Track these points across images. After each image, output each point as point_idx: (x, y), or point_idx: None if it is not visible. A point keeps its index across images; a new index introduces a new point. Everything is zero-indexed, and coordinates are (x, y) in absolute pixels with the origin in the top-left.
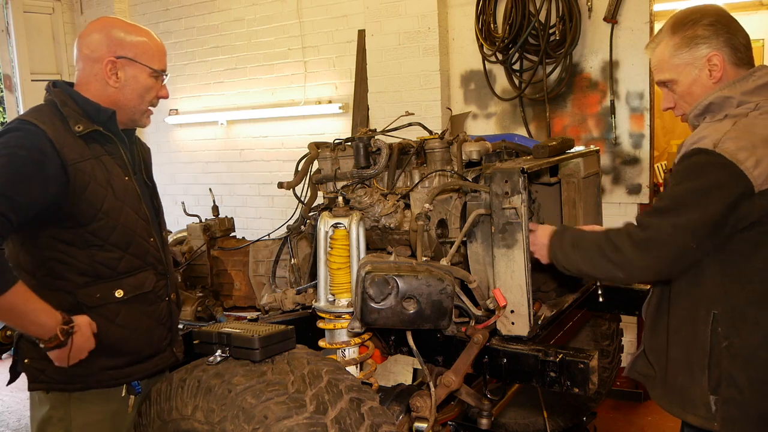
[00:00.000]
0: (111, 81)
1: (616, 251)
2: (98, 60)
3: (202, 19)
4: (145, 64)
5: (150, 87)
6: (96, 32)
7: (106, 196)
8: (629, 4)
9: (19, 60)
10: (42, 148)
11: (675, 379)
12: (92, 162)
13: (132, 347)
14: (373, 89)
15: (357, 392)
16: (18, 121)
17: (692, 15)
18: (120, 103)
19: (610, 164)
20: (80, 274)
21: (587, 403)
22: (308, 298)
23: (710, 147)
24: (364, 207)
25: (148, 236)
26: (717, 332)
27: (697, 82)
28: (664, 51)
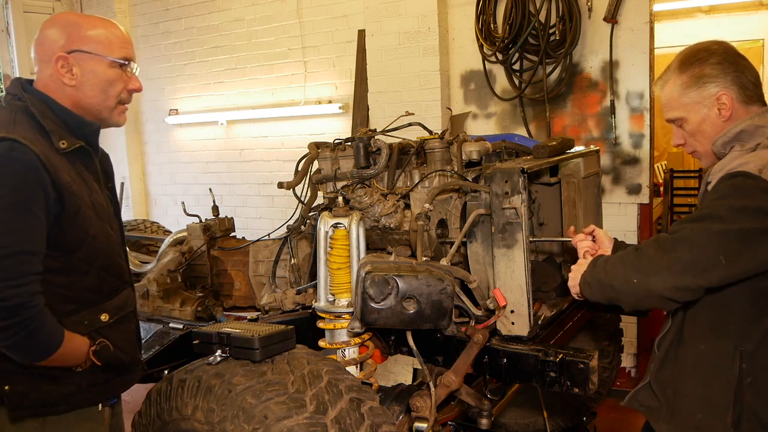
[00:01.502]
0: (66, 79)
1: (638, 254)
2: (50, 60)
3: (202, 19)
4: (102, 55)
5: (112, 80)
6: (46, 30)
7: (92, 219)
8: (629, 4)
9: (19, 60)
10: (40, 178)
11: (691, 416)
12: (78, 182)
13: (119, 363)
14: (373, 89)
15: (357, 392)
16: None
17: (700, 53)
18: (82, 102)
19: (610, 164)
20: (65, 302)
21: (587, 403)
22: (308, 298)
23: (755, 172)
24: (364, 207)
25: (120, 252)
26: (742, 368)
27: (706, 120)
28: (672, 90)
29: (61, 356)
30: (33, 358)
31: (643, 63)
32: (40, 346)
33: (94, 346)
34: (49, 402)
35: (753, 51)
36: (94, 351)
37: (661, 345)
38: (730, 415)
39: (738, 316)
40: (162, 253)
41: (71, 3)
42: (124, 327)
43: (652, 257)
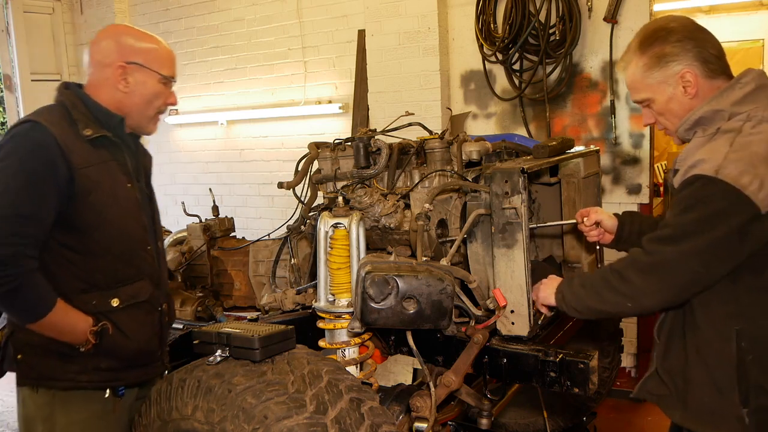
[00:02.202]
0: (120, 86)
1: (622, 281)
2: (109, 65)
3: (202, 19)
4: (155, 70)
5: (158, 93)
6: (107, 38)
7: (109, 204)
8: (629, 4)
9: (19, 60)
10: (52, 155)
11: (701, 400)
12: (98, 167)
13: (127, 352)
14: (373, 89)
15: (357, 392)
16: (28, 122)
17: (659, 32)
18: (128, 107)
19: (610, 164)
20: (78, 280)
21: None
22: (308, 298)
23: (711, 173)
24: (364, 207)
25: (146, 245)
26: (741, 347)
27: (673, 99)
28: (635, 71)
29: (53, 325)
30: (20, 317)
31: None
32: (27, 307)
33: (95, 327)
34: (54, 376)
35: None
36: (93, 331)
37: (660, 332)
38: (737, 394)
39: (726, 298)
40: None
41: (71, 3)
42: (136, 316)
43: (639, 285)
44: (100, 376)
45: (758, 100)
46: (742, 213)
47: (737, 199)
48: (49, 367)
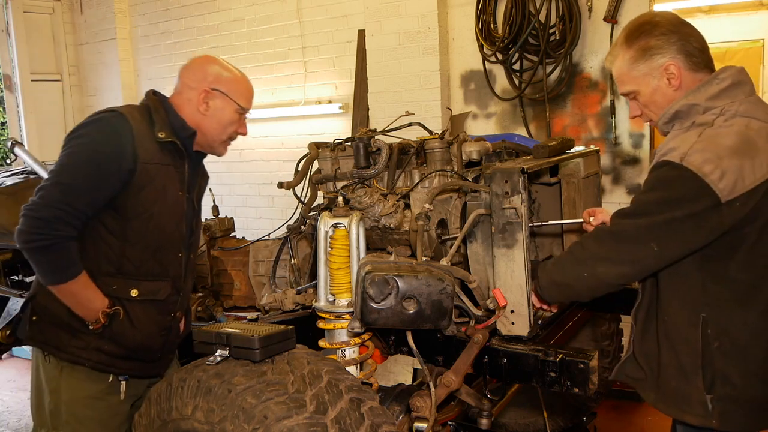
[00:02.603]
0: (201, 108)
1: (582, 248)
2: (195, 88)
3: (202, 19)
4: (234, 100)
5: (233, 121)
6: (200, 65)
7: (157, 201)
8: (629, 4)
9: (19, 60)
10: (124, 143)
11: (669, 383)
12: (159, 167)
13: (130, 342)
14: (373, 89)
15: (357, 392)
16: (114, 111)
17: (644, 26)
18: (203, 128)
19: (610, 164)
20: (108, 262)
21: (587, 403)
22: (308, 298)
23: (677, 160)
24: (364, 207)
25: (177, 251)
26: (707, 334)
27: (657, 91)
28: (621, 64)
29: (72, 294)
30: (44, 275)
31: None
32: (52, 269)
33: (108, 309)
34: (58, 346)
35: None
36: (105, 312)
37: (637, 317)
38: (701, 379)
39: (693, 284)
40: None
41: (71, 3)
42: (149, 311)
43: (594, 251)
44: (100, 358)
45: (734, 96)
46: (701, 200)
47: (698, 186)
48: (56, 337)
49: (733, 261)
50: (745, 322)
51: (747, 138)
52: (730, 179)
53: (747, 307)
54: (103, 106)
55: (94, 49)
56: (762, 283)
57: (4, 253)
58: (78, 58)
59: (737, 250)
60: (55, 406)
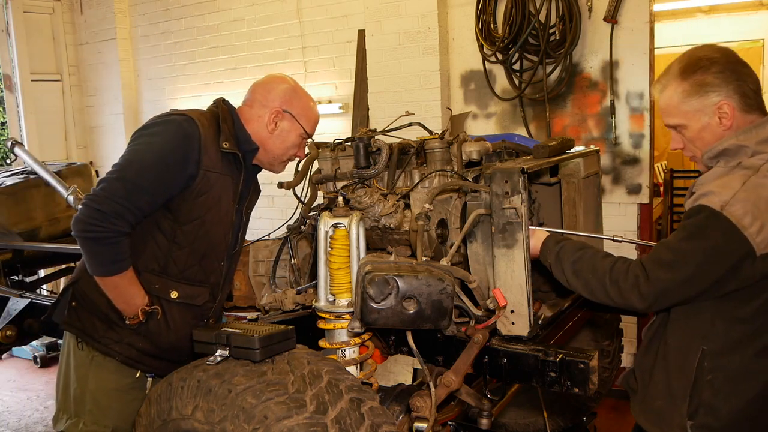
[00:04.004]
0: (270, 127)
1: (619, 293)
2: (267, 106)
3: (202, 19)
4: (302, 125)
5: (296, 144)
6: (277, 84)
7: (211, 209)
8: (629, 4)
9: (19, 60)
10: (191, 149)
11: (654, 401)
12: (218, 176)
13: (163, 342)
14: (373, 89)
15: (357, 392)
16: (184, 115)
17: (702, 62)
18: (267, 146)
19: (610, 164)
20: (155, 261)
21: (587, 403)
22: (308, 298)
23: (717, 207)
24: (364, 207)
25: (221, 260)
26: (703, 366)
27: (707, 128)
28: (672, 96)
29: (115, 287)
30: (92, 265)
31: (643, 63)
32: (100, 261)
33: (148, 307)
34: (91, 334)
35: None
36: (144, 310)
37: (647, 334)
38: (686, 406)
39: (702, 318)
40: None
41: (71, 3)
42: (186, 314)
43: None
44: (131, 353)
45: None
46: (738, 252)
47: (735, 238)
48: (93, 326)
49: (749, 306)
50: (742, 361)
51: None
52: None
53: (747, 347)
54: (104, 105)
55: (94, 49)
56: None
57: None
58: (78, 58)
59: (757, 298)
60: (80, 394)
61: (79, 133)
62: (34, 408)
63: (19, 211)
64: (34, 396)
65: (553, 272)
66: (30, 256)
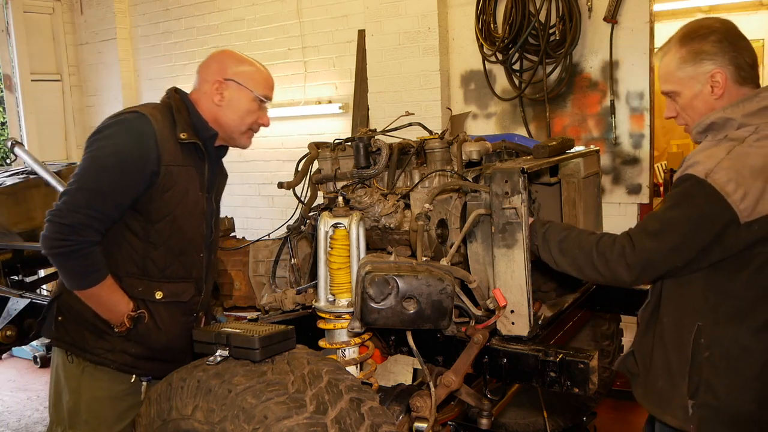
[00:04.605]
0: (216, 99)
1: (606, 265)
2: (209, 80)
3: (202, 19)
4: (249, 88)
5: (250, 110)
6: (213, 58)
7: (179, 203)
8: (629, 4)
9: (19, 60)
10: (148, 146)
11: (655, 382)
12: (181, 169)
13: (156, 344)
14: (373, 89)
15: (357, 392)
16: (136, 113)
17: (702, 29)
18: (220, 120)
19: (610, 164)
20: (133, 264)
21: (587, 403)
22: (308, 298)
23: (702, 176)
24: (364, 207)
25: (199, 252)
26: (699, 343)
27: (699, 96)
28: (670, 62)
29: (97, 298)
30: (69, 281)
31: (643, 63)
32: (77, 274)
33: (134, 313)
34: (84, 347)
35: None
36: (130, 316)
37: (642, 317)
38: (686, 385)
39: (695, 293)
40: None
41: (71, 3)
42: (174, 313)
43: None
44: (125, 359)
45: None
46: (721, 218)
47: (719, 205)
48: (82, 337)
49: (738, 278)
50: (738, 337)
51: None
52: (752, 201)
53: (742, 323)
54: (104, 105)
55: (94, 49)
56: (761, 303)
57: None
58: (78, 58)
59: (745, 269)
60: (74, 405)
61: (79, 133)
62: (34, 408)
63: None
64: (34, 396)
65: (540, 255)
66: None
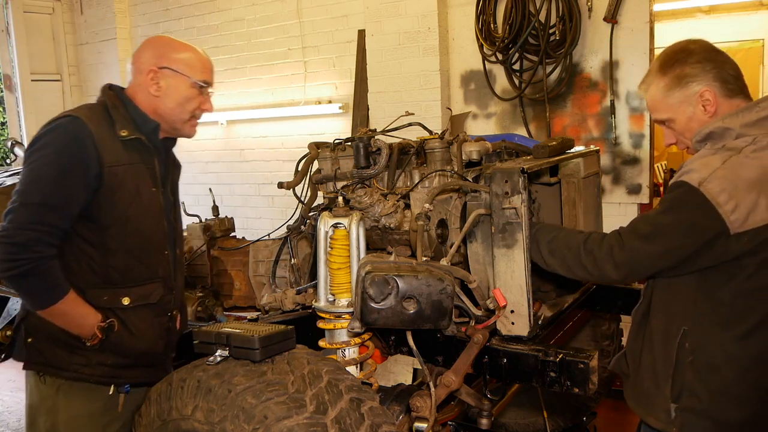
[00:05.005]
0: (152, 89)
1: (593, 262)
2: (143, 70)
3: (202, 19)
4: (186, 75)
5: (190, 97)
6: (146, 47)
7: (132, 203)
8: (629, 4)
9: (19, 60)
10: (86, 150)
11: (642, 383)
12: (126, 168)
13: (133, 351)
14: (373, 89)
15: (357, 392)
16: (68, 117)
17: (678, 54)
18: (160, 110)
19: (610, 164)
20: (94, 274)
21: (587, 403)
22: (308, 298)
23: (695, 184)
24: (364, 207)
25: (163, 249)
26: (684, 347)
27: (693, 118)
28: (656, 92)
29: (63, 314)
30: (31, 301)
31: (643, 63)
32: (38, 292)
33: (103, 323)
34: (59, 365)
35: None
36: (100, 326)
37: (635, 317)
38: (669, 388)
39: (684, 297)
40: None
41: (71, 3)
42: (145, 316)
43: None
44: (104, 371)
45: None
46: (712, 228)
47: (710, 214)
48: (56, 356)
49: (727, 286)
50: (722, 344)
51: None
52: (743, 213)
53: (728, 330)
54: None
55: (94, 49)
56: (747, 312)
57: None
58: (78, 58)
59: (734, 278)
60: (51, 426)
61: None
62: None
63: None
64: None
65: (531, 256)
66: None
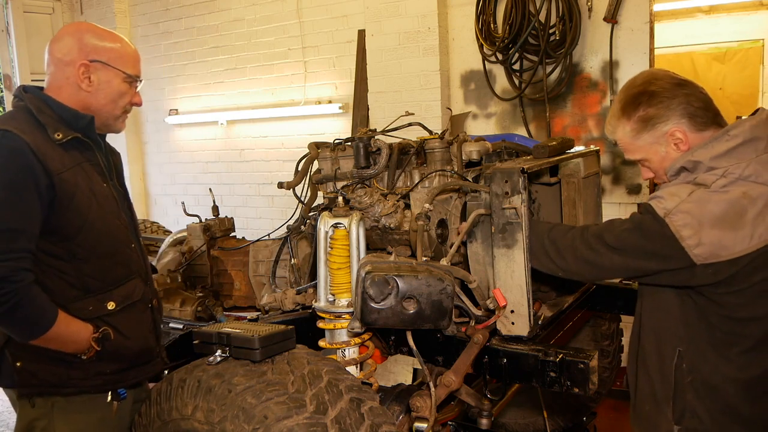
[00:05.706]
0: (83, 85)
1: (559, 256)
2: (70, 63)
3: (202, 19)
4: (119, 69)
5: (123, 92)
6: (69, 36)
7: (90, 206)
8: (629, 4)
9: (19, 60)
10: (28, 162)
11: (643, 406)
12: (74, 170)
13: (129, 353)
14: (373, 89)
15: (357, 392)
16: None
17: (641, 96)
18: (93, 107)
19: (610, 164)
20: (71, 287)
21: (587, 403)
22: (308, 298)
23: (661, 214)
24: (364, 207)
25: (130, 243)
26: (681, 368)
27: (666, 157)
28: (623, 137)
29: (57, 337)
30: (22, 334)
31: (643, 63)
32: (29, 323)
33: (97, 334)
34: (57, 383)
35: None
36: (95, 338)
37: (631, 339)
38: (671, 410)
39: (674, 319)
40: (162, 253)
41: (71, 3)
42: (133, 315)
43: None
44: (104, 379)
45: (742, 156)
46: (673, 259)
47: (673, 247)
48: (52, 374)
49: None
50: (717, 365)
51: (738, 209)
52: (706, 249)
53: (720, 353)
54: None
55: None
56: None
57: None
58: None
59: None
60: None
61: None
62: None
63: None
64: None
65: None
66: None
